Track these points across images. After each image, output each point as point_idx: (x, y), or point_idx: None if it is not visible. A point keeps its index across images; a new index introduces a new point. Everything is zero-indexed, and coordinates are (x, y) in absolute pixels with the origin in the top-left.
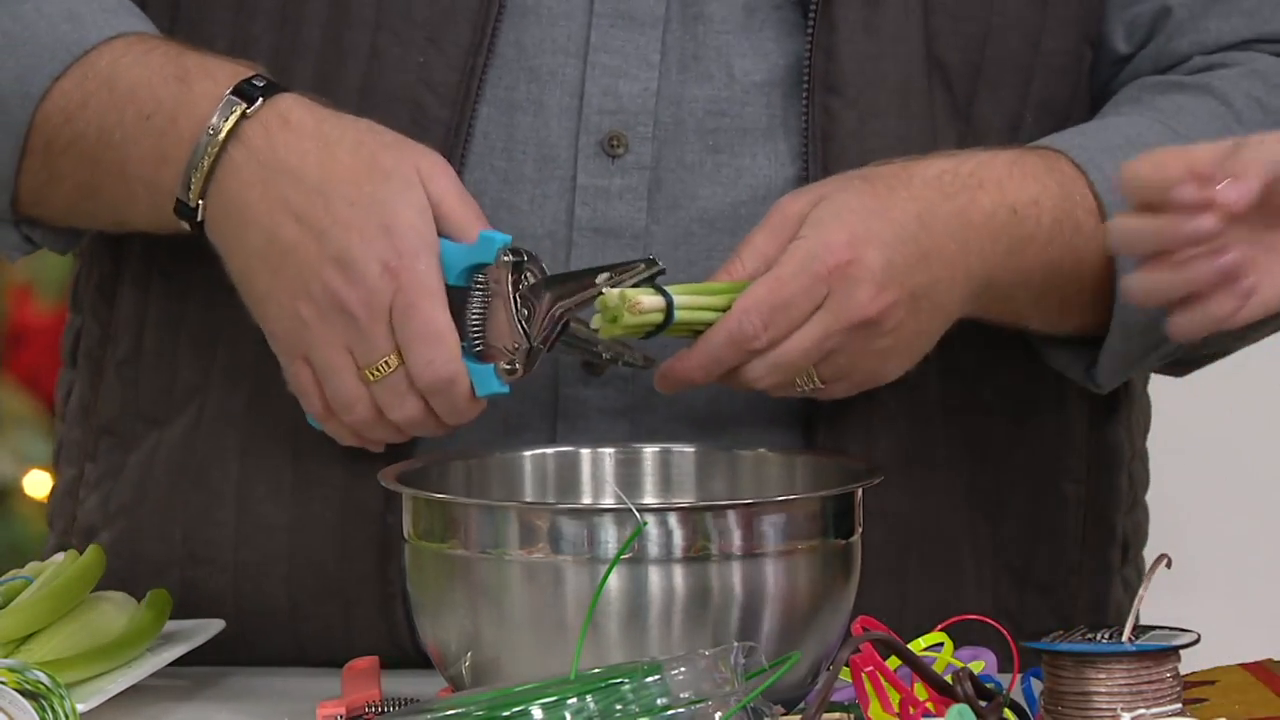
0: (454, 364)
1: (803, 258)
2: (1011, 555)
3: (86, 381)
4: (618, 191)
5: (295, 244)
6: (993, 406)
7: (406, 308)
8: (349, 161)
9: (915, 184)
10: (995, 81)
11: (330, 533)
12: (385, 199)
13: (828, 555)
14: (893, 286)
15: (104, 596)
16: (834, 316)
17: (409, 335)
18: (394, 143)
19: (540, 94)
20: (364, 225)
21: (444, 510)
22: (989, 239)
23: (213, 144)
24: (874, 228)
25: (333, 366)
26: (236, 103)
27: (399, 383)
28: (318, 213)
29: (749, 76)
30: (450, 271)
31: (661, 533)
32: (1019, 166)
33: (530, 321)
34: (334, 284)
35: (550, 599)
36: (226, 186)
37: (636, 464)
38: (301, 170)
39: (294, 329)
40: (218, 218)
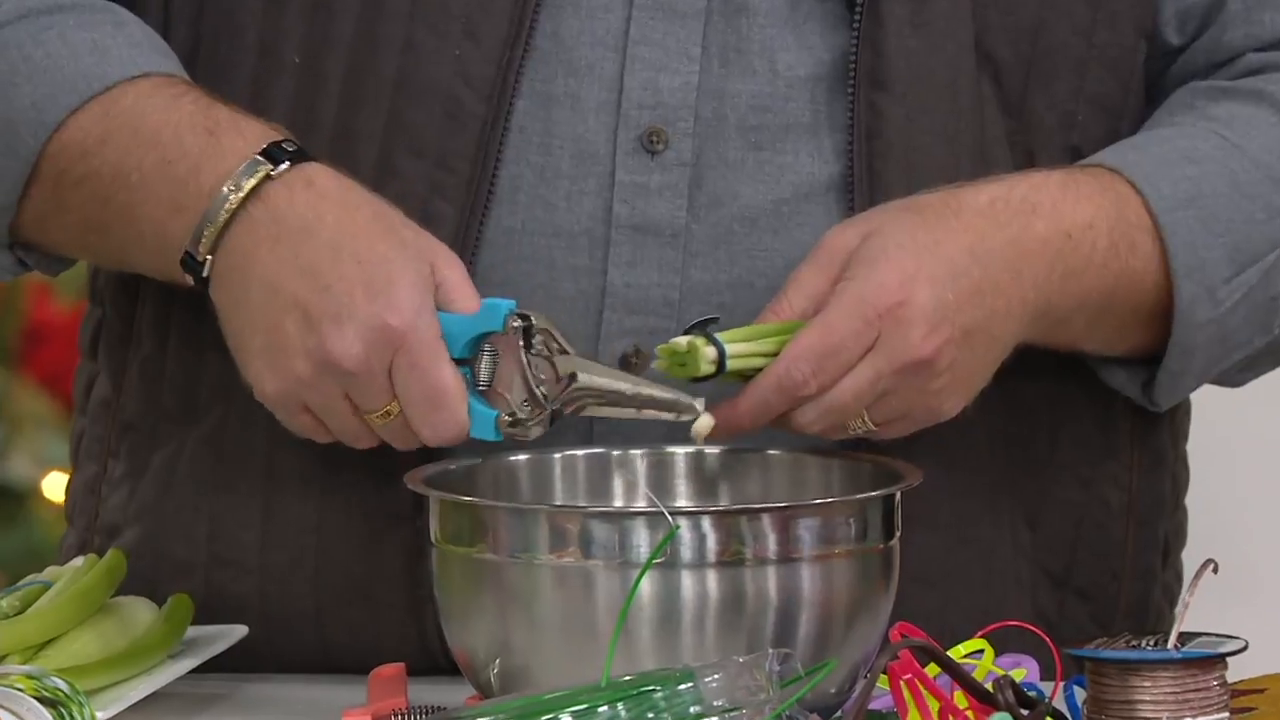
0: (459, 425)
1: (852, 301)
2: (1052, 560)
3: (108, 376)
4: (657, 188)
5: (295, 300)
6: (1035, 409)
7: (409, 368)
8: (366, 223)
9: (966, 214)
10: (1047, 76)
11: (359, 535)
12: (393, 259)
13: (865, 560)
14: (945, 325)
15: (124, 602)
16: (885, 360)
17: (412, 397)
18: (416, 228)
19: (578, 88)
20: (369, 282)
21: (472, 513)
22: (1044, 266)
23: (231, 200)
24: (925, 265)
25: (333, 410)
26: (262, 163)
27: (401, 427)
28: (324, 268)
29: (792, 71)
30: (453, 345)
31: (695, 536)
32: (1072, 189)
33: (547, 385)
34: (330, 340)
35: (581, 604)
36: (238, 243)
37: (669, 466)
38: (316, 228)
39: (290, 388)
40: (224, 273)
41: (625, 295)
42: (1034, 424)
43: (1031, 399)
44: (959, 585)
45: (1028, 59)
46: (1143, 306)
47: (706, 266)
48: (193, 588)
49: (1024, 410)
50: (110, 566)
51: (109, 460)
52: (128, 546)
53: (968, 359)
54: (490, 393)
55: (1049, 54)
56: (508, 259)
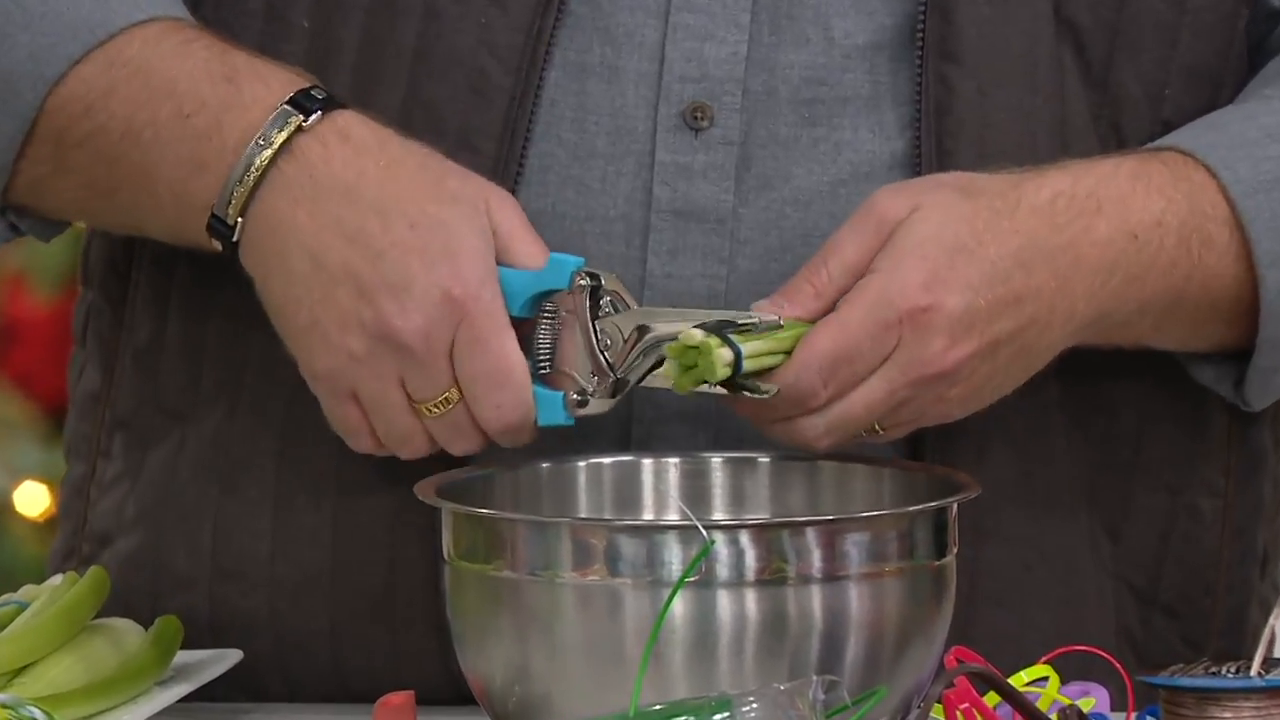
0: (525, 407)
1: (872, 301)
2: (1137, 575)
3: (97, 367)
4: (701, 169)
5: (345, 269)
6: (1120, 410)
7: (472, 342)
8: (412, 182)
9: (1022, 212)
10: (1134, 45)
11: (379, 547)
12: (449, 222)
13: (919, 578)
14: (971, 336)
15: (107, 624)
16: (900, 371)
17: (474, 374)
18: (460, 170)
19: (615, 58)
20: (425, 249)
21: (488, 527)
22: (1102, 273)
23: (262, 157)
24: (959, 267)
25: (385, 402)
26: (292, 113)
27: (460, 419)
28: (373, 234)
29: (850, 39)
30: (513, 301)
31: (732, 552)
32: (1143, 180)
33: (613, 350)
34: (388, 313)
35: (607, 626)
36: (272, 204)
37: (704, 475)
38: (358, 188)
39: (341, 366)
40: (257, 238)
41: (665, 286)
42: (1116, 423)
43: (1113, 396)
44: (1035, 605)
45: (1112, 26)
46: (1221, 302)
47: (755, 255)
48: (195, 603)
49: (1105, 408)
50: (93, 584)
51: (99, 460)
52: (121, 557)
53: (990, 370)
54: (551, 373)
55: (1135, 20)
56: None
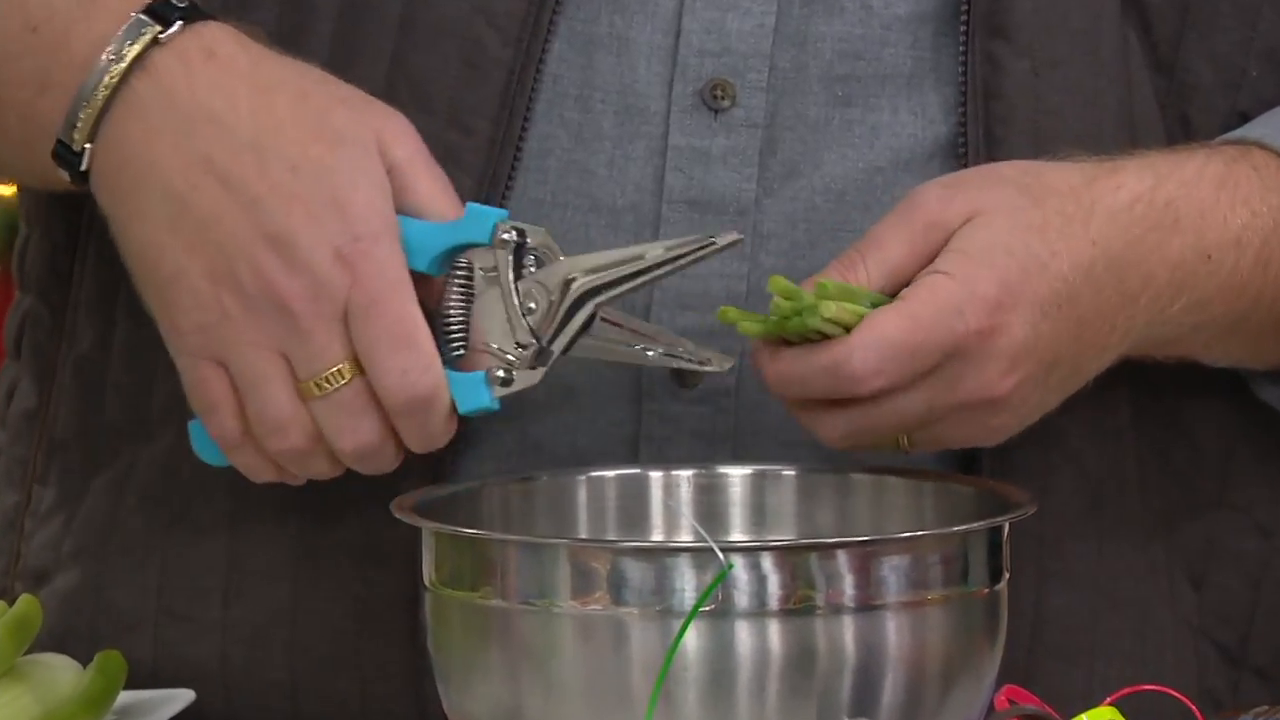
0: (434, 373)
1: (945, 304)
2: (1223, 630)
3: (32, 382)
4: (720, 154)
5: (217, 214)
6: (1201, 436)
7: (369, 304)
8: (291, 115)
9: (1098, 219)
10: (1207, 24)
11: (347, 584)
12: (336, 167)
13: (966, 607)
14: (1029, 361)
15: (40, 660)
16: (948, 388)
17: (373, 339)
18: (348, 98)
19: (626, 29)
20: (310, 198)
21: (475, 549)
22: (1168, 296)
23: (111, 72)
24: (1030, 286)
25: (261, 375)
26: (148, 24)
27: (352, 399)
28: (249, 175)
29: (891, 9)
30: (418, 257)
31: (753, 578)
32: (1228, 189)
33: (538, 316)
34: (269, 269)
35: (611, 662)
36: (125, 130)
37: (721, 490)
38: (229, 119)
39: (210, 323)
40: (109, 169)
41: (678, 286)
42: (1197, 453)
43: (1193, 420)
44: (1103, 659)
45: (1182, 2)
46: None
47: (781, 251)
48: (138, 648)
49: (1184, 435)
50: (21, 617)
51: (34, 487)
52: (59, 596)
53: (1039, 394)
54: (464, 353)
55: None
56: None
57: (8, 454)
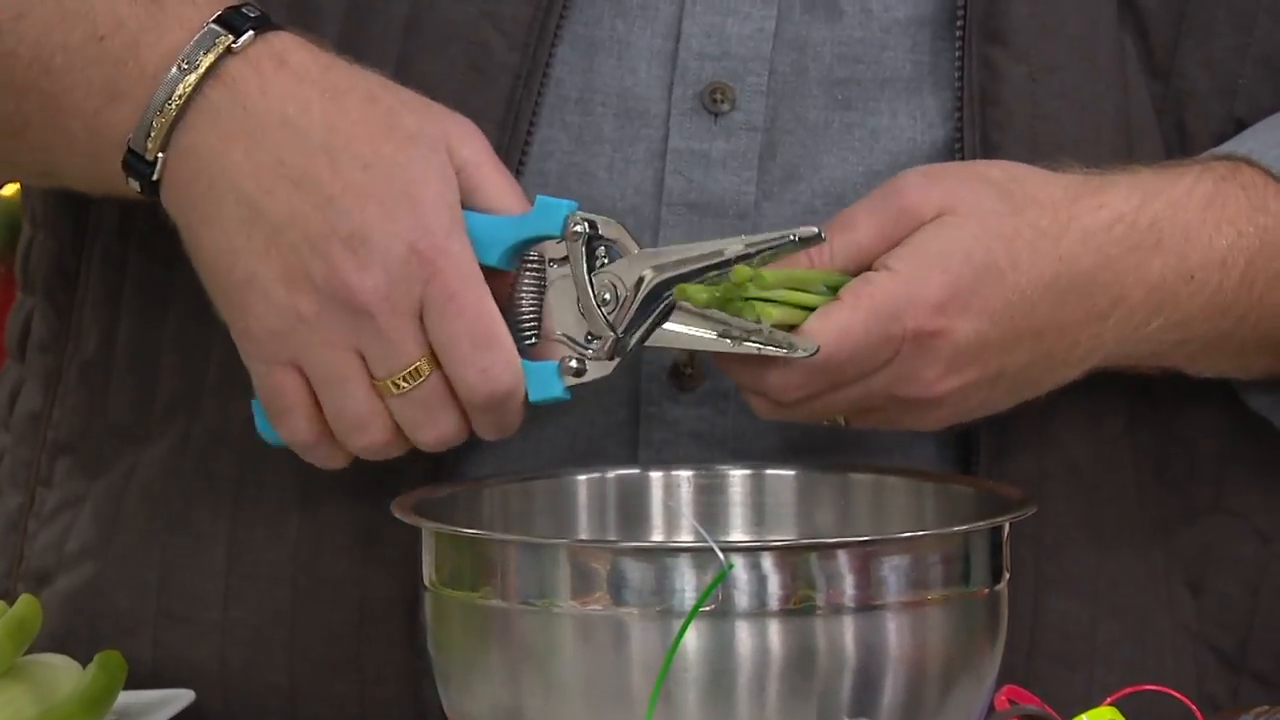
0: (515, 369)
1: (880, 308)
2: (1222, 636)
3: (39, 383)
4: (720, 158)
5: (291, 216)
6: (1198, 442)
7: (446, 300)
8: (361, 117)
9: (1072, 237)
10: (1204, 30)
11: (347, 588)
12: (407, 165)
13: (966, 608)
14: (972, 367)
15: (39, 661)
16: (883, 384)
17: (452, 336)
18: (415, 101)
19: (627, 32)
20: (383, 195)
21: (475, 549)
22: (1143, 315)
23: (186, 82)
24: (982, 294)
25: (339, 375)
26: (221, 34)
27: (432, 395)
28: (322, 176)
29: (890, 13)
30: (489, 251)
31: (753, 578)
32: (1215, 209)
33: (612, 307)
34: (344, 269)
35: (611, 662)
36: (199, 138)
37: (721, 490)
38: (302, 124)
39: (286, 328)
40: (182, 178)
41: None
42: (1195, 460)
43: (1190, 426)
44: (1102, 664)
45: (1178, 8)
46: (1272, 335)
47: None
48: (137, 650)
49: (1181, 441)
50: (20, 617)
51: (38, 489)
52: (61, 597)
53: (982, 396)
54: (536, 343)
55: (1205, 3)
56: None
57: (12, 455)
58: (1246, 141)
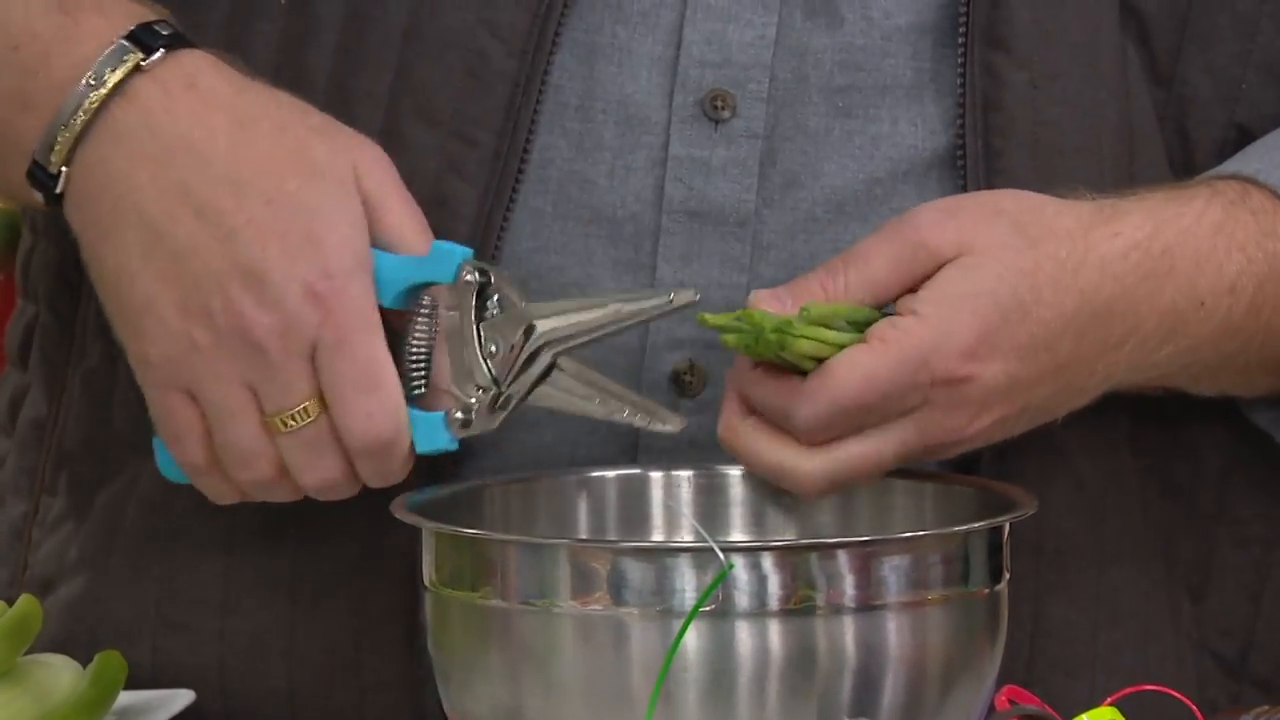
0: (398, 416)
1: (909, 356)
2: (1223, 642)
3: (42, 392)
4: (720, 165)
5: (193, 246)
6: (1199, 451)
7: (337, 344)
8: (269, 148)
9: (1089, 266)
10: (1206, 36)
11: (345, 596)
12: (313, 203)
13: (966, 608)
14: (1000, 406)
15: (39, 661)
16: (919, 433)
17: (340, 379)
18: (325, 129)
19: (628, 39)
20: (286, 233)
21: (475, 550)
22: (1155, 341)
23: (91, 98)
24: (1009, 333)
25: (229, 408)
26: (131, 50)
27: (318, 437)
28: (225, 207)
29: (891, 20)
30: (385, 290)
31: (753, 578)
32: (1225, 235)
33: (498, 360)
34: (241, 304)
35: (611, 662)
36: (104, 156)
37: (721, 491)
38: (207, 151)
39: (179, 355)
40: (86, 194)
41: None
42: (1197, 468)
43: (1191, 435)
44: (1104, 672)
45: (1181, 14)
46: (1277, 357)
47: (781, 262)
48: (137, 657)
49: (1182, 449)
50: (20, 617)
51: (42, 497)
52: (63, 605)
53: (1007, 430)
54: (425, 392)
55: (1208, 8)
56: (533, 249)
57: (16, 464)
58: (1252, 160)
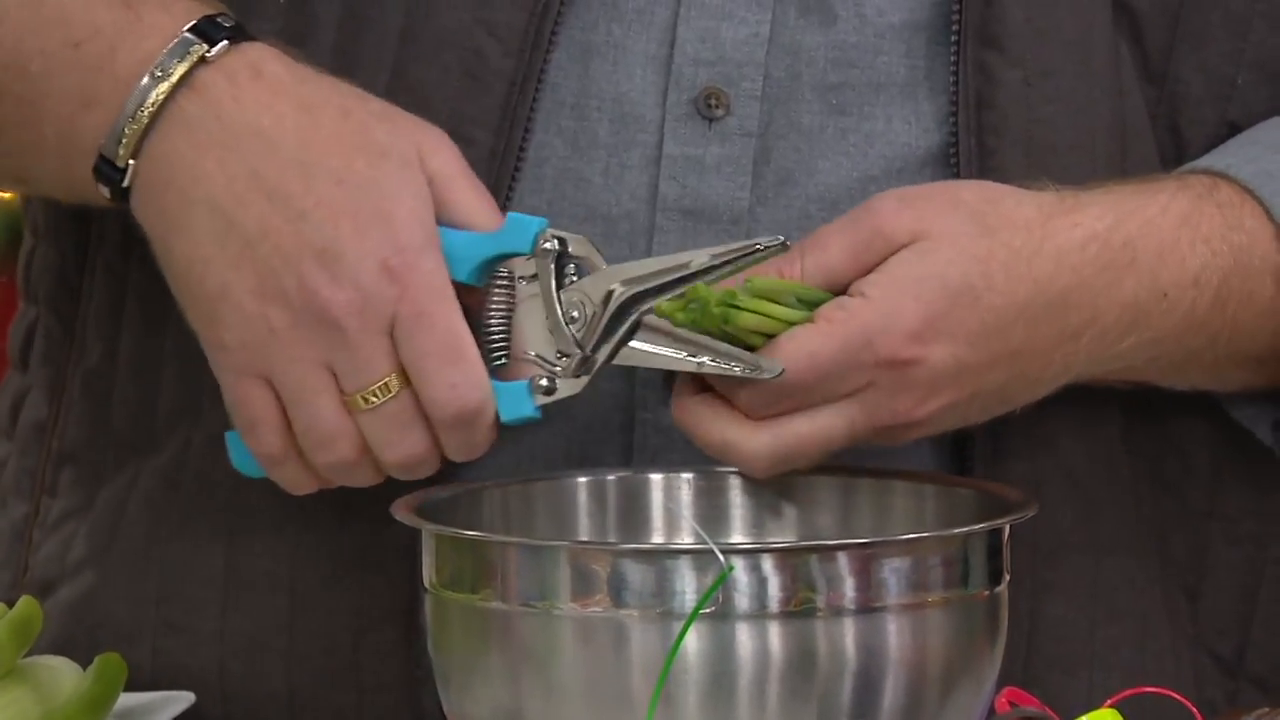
0: (484, 386)
1: (852, 337)
2: (1218, 640)
3: (43, 393)
4: (715, 163)
5: (265, 229)
6: (1191, 448)
7: (416, 317)
8: (335, 131)
9: (1045, 257)
10: (1198, 34)
11: (345, 596)
12: (381, 181)
13: (967, 610)
14: (949, 390)
15: (40, 663)
16: (865, 414)
17: (422, 352)
18: (387, 114)
19: (623, 37)
20: (356, 211)
21: (475, 551)
22: (1116, 334)
23: (159, 90)
24: (957, 317)
25: (309, 388)
26: (195, 42)
27: (401, 412)
28: (295, 191)
29: (884, 17)
30: (460, 267)
31: (753, 580)
32: (1190, 228)
33: (581, 325)
34: (316, 283)
35: (611, 664)
36: (171, 147)
37: (721, 493)
38: (275, 136)
39: (257, 340)
40: (153, 187)
41: None
42: (1188, 464)
43: (1183, 432)
44: (1102, 669)
45: (1174, 12)
46: (1249, 352)
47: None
48: (137, 659)
49: (1174, 446)
50: (21, 619)
51: (43, 498)
52: (62, 606)
53: (960, 415)
54: (507, 363)
55: (1201, 7)
56: None
57: (16, 465)
58: (1225, 156)
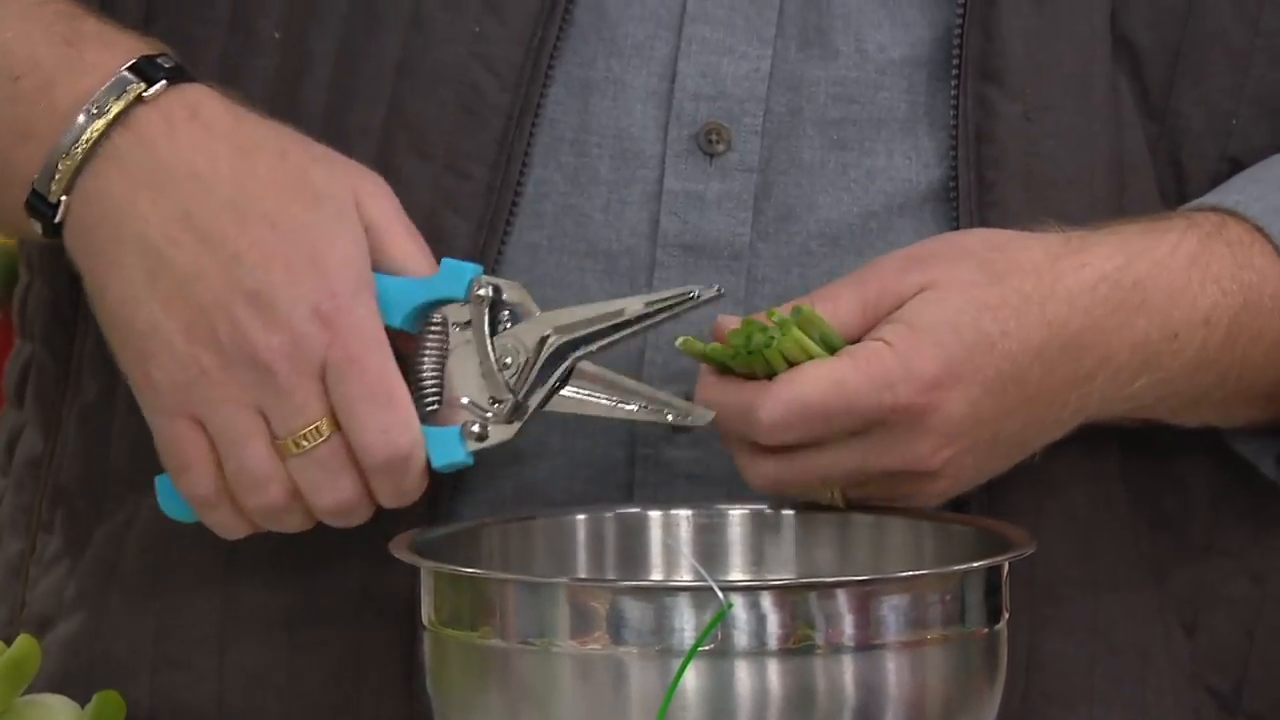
0: (414, 431)
1: (878, 376)
2: (1217, 676)
3: (38, 429)
4: (715, 199)
5: (197, 270)
6: (1189, 483)
7: (347, 362)
8: (271, 174)
9: (1057, 299)
10: (1197, 69)
11: (343, 634)
12: (315, 225)
13: (966, 647)
14: (965, 438)
15: (37, 701)
16: (877, 455)
17: (352, 397)
18: (325, 157)
19: (622, 73)
20: (289, 255)
21: (474, 589)
22: (1128, 374)
23: (94, 126)
24: (974, 365)
25: (240, 431)
26: (133, 81)
27: (332, 457)
28: (229, 233)
29: (885, 53)
30: (393, 312)
31: (752, 617)
32: (1200, 268)
33: (514, 371)
34: (248, 327)
35: (610, 702)
36: (105, 184)
37: (720, 530)
38: (210, 178)
39: (187, 380)
40: (85, 224)
41: (671, 329)
42: (1188, 500)
43: (1181, 467)
44: (1102, 705)
45: (1174, 47)
46: (1258, 389)
47: (775, 296)
48: (135, 696)
49: (1174, 481)
50: (18, 658)
51: (39, 535)
52: (61, 642)
53: (977, 464)
54: (438, 408)
55: (1201, 41)
56: (528, 282)
57: (12, 502)
58: (1233, 192)
